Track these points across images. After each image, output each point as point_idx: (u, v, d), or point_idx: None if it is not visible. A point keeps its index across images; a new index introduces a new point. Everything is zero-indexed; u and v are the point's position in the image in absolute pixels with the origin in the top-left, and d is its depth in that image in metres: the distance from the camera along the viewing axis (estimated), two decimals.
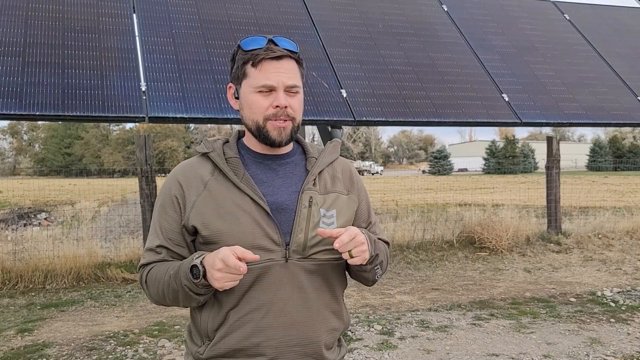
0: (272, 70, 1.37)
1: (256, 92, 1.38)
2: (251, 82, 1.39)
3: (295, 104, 1.40)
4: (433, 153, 62.86)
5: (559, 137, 18.25)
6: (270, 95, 1.38)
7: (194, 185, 1.40)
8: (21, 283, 6.12)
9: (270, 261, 1.35)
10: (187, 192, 1.40)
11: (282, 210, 1.39)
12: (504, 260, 7.47)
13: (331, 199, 1.44)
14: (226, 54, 3.62)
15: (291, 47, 1.41)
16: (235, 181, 1.38)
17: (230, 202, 1.36)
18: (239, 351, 1.36)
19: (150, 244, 1.44)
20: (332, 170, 1.50)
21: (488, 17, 4.90)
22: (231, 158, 1.42)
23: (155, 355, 4.08)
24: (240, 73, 1.42)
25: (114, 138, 58.40)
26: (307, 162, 1.47)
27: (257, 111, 1.39)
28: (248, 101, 1.40)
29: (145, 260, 1.45)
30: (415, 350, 4.12)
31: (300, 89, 1.42)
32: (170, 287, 1.34)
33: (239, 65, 1.42)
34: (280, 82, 1.37)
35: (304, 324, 1.38)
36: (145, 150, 6.78)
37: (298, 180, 1.44)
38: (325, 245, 1.39)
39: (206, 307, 1.38)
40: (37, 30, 3.41)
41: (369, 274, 1.46)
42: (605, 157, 50.16)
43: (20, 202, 15.09)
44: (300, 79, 1.43)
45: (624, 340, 4.31)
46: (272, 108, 1.37)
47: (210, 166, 1.42)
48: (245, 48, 1.40)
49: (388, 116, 3.63)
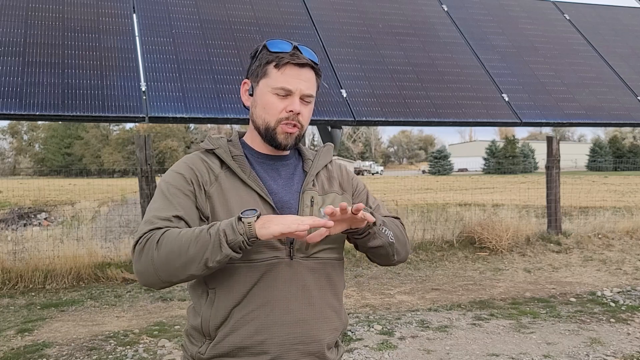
0: (294, 75, 1.41)
1: (273, 93, 1.41)
2: (270, 82, 1.41)
3: (306, 113, 1.45)
4: (433, 153, 62.90)
5: (559, 137, 18.23)
6: (285, 99, 1.41)
7: (206, 174, 1.40)
8: (21, 283, 6.12)
9: (276, 259, 1.37)
10: (200, 178, 1.39)
11: (286, 209, 1.41)
12: (504, 260, 7.47)
13: (329, 199, 1.48)
14: (226, 54, 3.62)
15: (314, 59, 1.45)
16: (243, 177, 1.40)
17: (238, 198, 1.38)
18: (242, 349, 1.35)
19: (163, 213, 1.33)
20: (328, 172, 1.54)
21: (488, 17, 4.90)
22: (237, 156, 1.44)
23: (155, 355, 4.08)
24: (261, 72, 1.44)
25: (114, 138, 58.44)
26: (304, 164, 1.51)
27: (270, 112, 1.41)
28: (263, 100, 1.43)
29: (156, 225, 1.31)
30: (415, 350, 4.12)
31: (313, 100, 1.47)
32: (199, 240, 1.24)
33: (261, 63, 1.44)
34: (298, 89, 1.41)
35: (308, 322, 1.39)
36: (145, 150, 6.78)
37: (298, 181, 1.47)
38: (326, 244, 1.42)
39: (208, 305, 1.38)
40: (37, 30, 3.41)
41: (388, 249, 1.45)
42: (605, 157, 50.17)
43: (20, 202, 15.10)
44: (315, 91, 1.47)
45: (624, 340, 4.31)
46: (286, 112, 1.41)
47: (217, 162, 1.44)
48: (272, 49, 1.42)
49: (388, 116, 3.63)
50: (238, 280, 1.35)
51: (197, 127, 58.32)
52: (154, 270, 1.28)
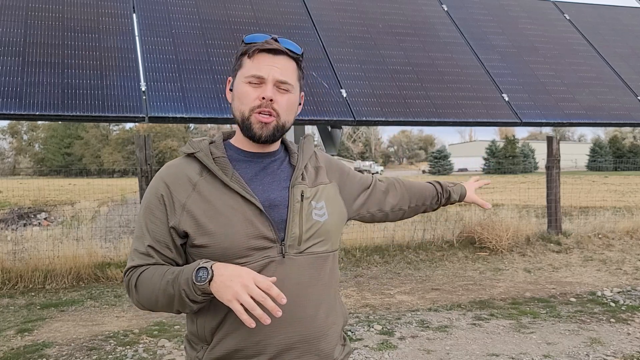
0: (266, 62, 1.37)
1: (246, 83, 1.38)
2: (243, 72, 1.39)
3: (283, 101, 1.39)
4: (433, 153, 62.87)
5: (559, 137, 18.21)
6: (259, 87, 1.37)
7: (182, 186, 1.37)
8: (21, 283, 6.12)
9: (267, 258, 1.34)
10: (174, 193, 1.36)
11: (274, 206, 1.38)
12: (504, 260, 7.47)
13: (319, 191, 1.46)
14: (226, 54, 3.62)
15: (292, 47, 1.41)
16: (225, 180, 1.36)
17: (221, 202, 1.34)
18: (238, 351, 1.34)
19: (139, 246, 1.38)
20: (315, 162, 1.52)
21: (488, 17, 4.89)
22: (219, 158, 1.39)
23: (155, 355, 4.08)
24: (237, 64, 1.42)
25: (114, 138, 58.40)
26: (291, 158, 1.48)
27: (244, 101, 1.38)
28: (238, 91, 1.40)
29: (134, 263, 1.37)
30: (415, 350, 4.12)
31: (292, 89, 1.41)
32: (165, 292, 1.29)
33: (237, 56, 1.43)
34: (270, 75, 1.36)
35: (305, 319, 1.37)
36: (145, 150, 6.78)
37: (286, 177, 1.44)
38: (318, 237, 1.41)
39: (203, 310, 1.36)
40: (37, 30, 3.41)
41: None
42: (605, 157, 50.18)
43: (20, 202, 15.10)
44: (295, 79, 1.42)
45: (624, 340, 4.31)
46: (259, 100, 1.36)
47: (197, 167, 1.40)
48: (247, 41, 1.41)
49: (388, 116, 3.63)
50: None
51: (197, 127, 58.32)
52: (144, 305, 1.38)
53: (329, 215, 1.44)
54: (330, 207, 1.47)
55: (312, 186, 1.45)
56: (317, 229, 1.40)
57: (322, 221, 1.42)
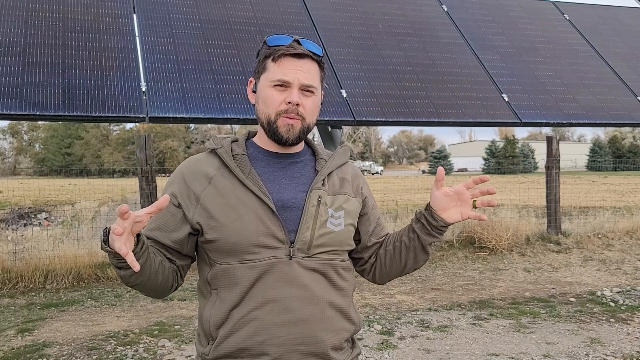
0: (291, 66, 1.39)
1: (272, 87, 1.40)
2: (269, 76, 1.41)
3: (309, 104, 1.42)
4: (433, 153, 62.93)
5: (559, 137, 18.17)
6: (285, 91, 1.39)
7: (199, 180, 1.40)
8: (21, 283, 6.12)
9: (274, 258, 1.34)
10: (191, 186, 1.40)
11: (287, 208, 1.38)
12: (503, 260, 7.48)
13: (340, 200, 1.45)
14: (226, 54, 3.62)
15: (314, 49, 1.43)
16: (240, 177, 1.38)
17: (235, 198, 1.36)
18: (243, 350, 1.34)
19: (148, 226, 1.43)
20: (342, 173, 1.51)
21: (488, 17, 4.90)
22: (238, 155, 1.42)
23: (155, 355, 4.09)
24: (261, 67, 1.44)
25: (114, 138, 58.43)
26: (317, 163, 1.48)
27: (270, 105, 1.40)
28: (263, 95, 1.42)
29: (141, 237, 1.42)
30: (415, 350, 4.12)
31: (316, 91, 1.43)
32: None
33: (260, 59, 1.44)
34: (296, 79, 1.38)
35: (308, 322, 1.36)
36: (145, 150, 6.78)
37: (306, 180, 1.44)
38: (329, 246, 1.40)
39: (209, 307, 1.38)
40: (37, 30, 3.41)
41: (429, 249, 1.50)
42: (605, 157, 50.21)
43: (20, 202, 15.10)
44: (318, 82, 1.44)
45: (624, 340, 4.31)
46: (285, 104, 1.39)
47: (217, 163, 1.42)
48: (270, 44, 1.42)
49: (388, 116, 3.64)
50: (237, 281, 1.34)
51: (197, 127, 58.36)
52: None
53: (345, 227, 1.43)
54: (349, 218, 1.46)
55: (332, 194, 1.44)
56: (329, 237, 1.40)
57: (337, 230, 1.41)
